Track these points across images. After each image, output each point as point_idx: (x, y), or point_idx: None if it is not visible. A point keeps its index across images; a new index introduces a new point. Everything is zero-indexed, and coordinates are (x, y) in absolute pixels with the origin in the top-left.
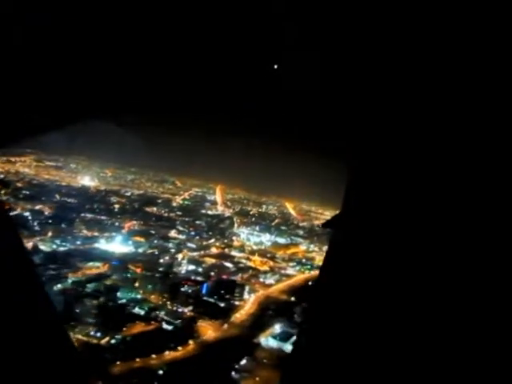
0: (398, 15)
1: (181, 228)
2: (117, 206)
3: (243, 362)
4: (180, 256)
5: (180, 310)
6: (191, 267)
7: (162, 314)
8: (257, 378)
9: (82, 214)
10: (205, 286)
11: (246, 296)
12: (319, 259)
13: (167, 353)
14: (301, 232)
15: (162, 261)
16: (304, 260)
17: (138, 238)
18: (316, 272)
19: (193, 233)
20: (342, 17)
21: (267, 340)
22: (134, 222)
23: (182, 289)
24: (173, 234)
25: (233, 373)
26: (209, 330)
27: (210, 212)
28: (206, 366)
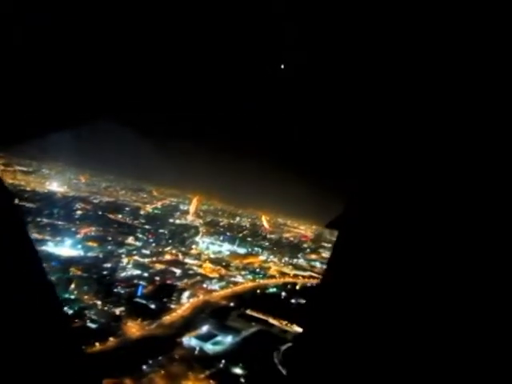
0: (399, 15)
1: (140, 235)
2: (79, 212)
3: (159, 358)
4: (125, 260)
5: (111, 310)
6: (136, 272)
7: (91, 313)
8: (162, 372)
9: (38, 219)
10: (140, 288)
11: (184, 300)
12: (274, 269)
13: (83, 347)
14: (266, 243)
15: (106, 265)
16: (258, 269)
17: (90, 243)
18: (266, 281)
19: (151, 240)
20: (342, 17)
21: (189, 340)
22: (93, 228)
23: (117, 290)
24: (129, 240)
25: (144, 367)
26: (134, 329)
27: (177, 221)
28: (120, 360)
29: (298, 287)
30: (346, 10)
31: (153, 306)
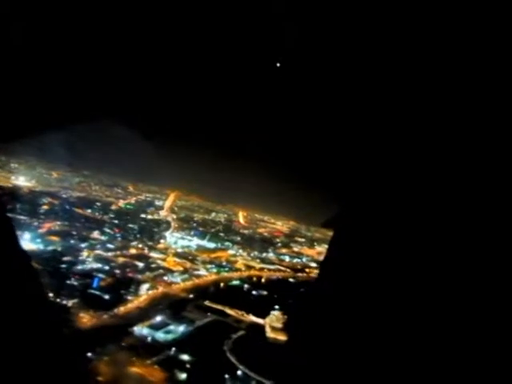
0: (398, 16)
1: (107, 230)
2: (45, 207)
3: (108, 346)
4: (86, 254)
5: (63, 302)
6: (97, 265)
7: None
8: (105, 358)
9: None
10: (96, 280)
11: (142, 292)
12: (241, 263)
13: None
14: (237, 238)
15: (65, 258)
16: (225, 263)
17: (52, 238)
18: (230, 274)
19: (118, 235)
20: (341, 17)
21: (141, 329)
22: (57, 223)
23: (71, 283)
24: (95, 235)
25: (89, 354)
26: (85, 319)
27: (149, 216)
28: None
29: (262, 280)
30: (346, 10)
31: (108, 298)
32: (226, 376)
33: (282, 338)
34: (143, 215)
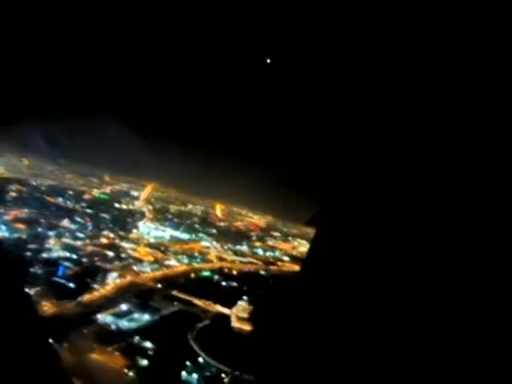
0: (398, 16)
1: (78, 219)
2: (13, 194)
3: (69, 333)
4: (52, 242)
5: (26, 290)
6: (64, 254)
7: None
8: (65, 344)
9: None
10: (61, 268)
11: (109, 281)
12: (213, 255)
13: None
14: (213, 231)
15: (30, 246)
16: (197, 254)
17: (18, 225)
18: (201, 265)
19: (89, 224)
20: (341, 17)
21: (105, 317)
22: (25, 211)
23: (34, 271)
24: (65, 223)
25: (50, 340)
26: (46, 308)
27: (124, 206)
28: None
29: (234, 272)
30: (346, 10)
31: (73, 286)
32: (188, 363)
33: (246, 327)
34: (117, 205)
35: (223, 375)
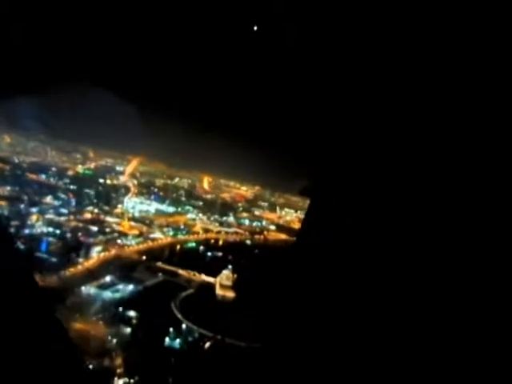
0: (398, 15)
1: (62, 195)
2: None
3: (53, 306)
4: (35, 218)
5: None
6: (47, 229)
7: None
8: None
9: None
10: (44, 243)
11: (93, 255)
12: (199, 226)
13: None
14: (199, 203)
15: (13, 223)
16: (182, 227)
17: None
18: (187, 237)
19: (73, 200)
20: (341, 17)
21: (88, 289)
22: (7, 188)
23: (18, 246)
24: (48, 200)
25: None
26: None
27: (108, 182)
28: None
29: (219, 242)
30: (346, 10)
31: (56, 261)
32: (170, 329)
33: (230, 295)
34: (102, 180)
35: (205, 340)
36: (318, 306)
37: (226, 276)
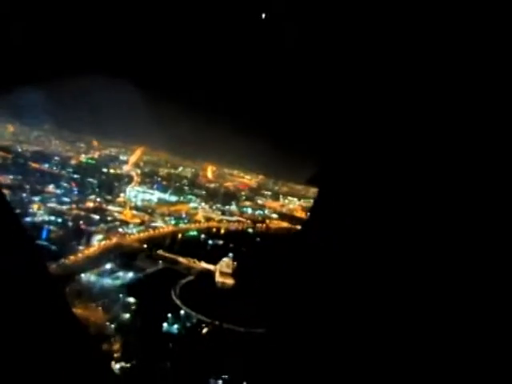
0: (398, 15)
1: (65, 184)
2: None
3: None
4: (36, 207)
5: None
6: (49, 218)
7: None
8: None
9: None
10: (45, 231)
11: (94, 243)
12: (201, 215)
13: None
14: (202, 192)
15: (15, 211)
16: (184, 215)
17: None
18: (188, 225)
19: (75, 188)
20: (341, 17)
21: (89, 276)
22: (10, 177)
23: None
24: (50, 189)
25: None
26: None
27: (111, 171)
28: None
29: (221, 231)
30: (346, 10)
31: (57, 249)
32: (169, 315)
33: (229, 282)
34: (105, 170)
35: (203, 325)
36: (320, 300)
37: (226, 263)
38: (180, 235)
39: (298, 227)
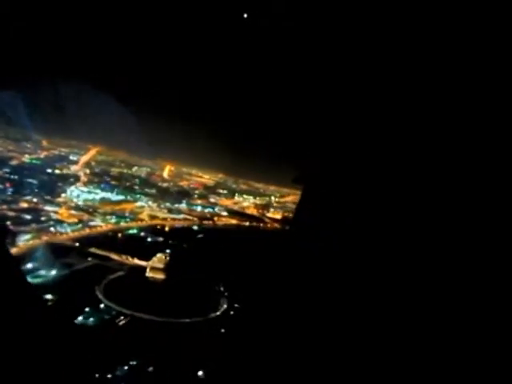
0: (398, 15)
1: None
2: None
3: None
4: None
5: None
6: None
7: None
8: None
9: None
10: None
11: (19, 243)
12: (146, 214)
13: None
14: (152, 191)
15: None
16: (127, 214)
17: None
18: (130, 224)
19: (10, 189)
20: (341, 17)
21: None
22: None
23: None
24: None
25: None
26: None
27: (57, 171)
28: None
29: (165, 228)
30: (346, 10)
31: None
32: (87, 309)
33: (160, 276)
34: (50, 170)
35: (122, 317)
36: (320, 300)
37: (158, 259)
38: (120, 233)
39: (246, 224)
